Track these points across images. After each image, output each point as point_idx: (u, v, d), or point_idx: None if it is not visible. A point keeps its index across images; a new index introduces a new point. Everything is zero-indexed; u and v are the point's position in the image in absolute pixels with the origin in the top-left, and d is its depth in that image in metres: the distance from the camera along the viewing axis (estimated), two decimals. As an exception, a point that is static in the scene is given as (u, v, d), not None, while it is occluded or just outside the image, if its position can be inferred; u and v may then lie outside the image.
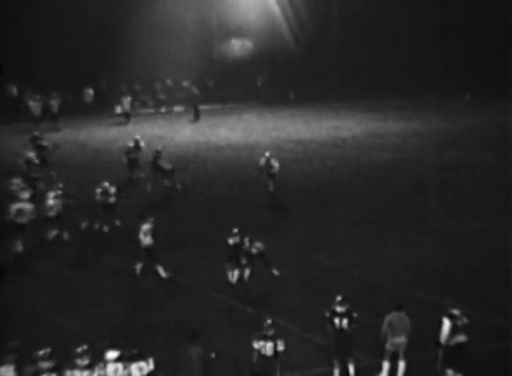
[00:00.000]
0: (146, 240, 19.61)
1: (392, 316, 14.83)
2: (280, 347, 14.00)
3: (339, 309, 14.72)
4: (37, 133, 31.97)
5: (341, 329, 14.63)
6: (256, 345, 14.01)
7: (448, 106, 45.50)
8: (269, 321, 14.15)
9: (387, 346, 14.86)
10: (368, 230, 23.35)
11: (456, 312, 14.53)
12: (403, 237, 22.68)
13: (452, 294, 17.20)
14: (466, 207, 25.45)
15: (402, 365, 14.92)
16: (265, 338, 13.97)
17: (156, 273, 19.54)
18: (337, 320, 14.63)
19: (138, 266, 19.71)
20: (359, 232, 23.15)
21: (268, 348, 13.91)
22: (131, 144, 29.45)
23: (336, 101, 47.94)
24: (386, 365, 14.96)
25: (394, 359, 14.92)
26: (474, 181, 28.83)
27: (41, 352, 13.03)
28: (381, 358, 14.95)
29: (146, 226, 19.74)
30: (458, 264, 20.49)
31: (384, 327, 14.80)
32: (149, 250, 19.61)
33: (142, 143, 29.64)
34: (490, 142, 34.27)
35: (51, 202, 22.36)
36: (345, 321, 14.63)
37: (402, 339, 14.78)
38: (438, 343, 14.56)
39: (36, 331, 16.52)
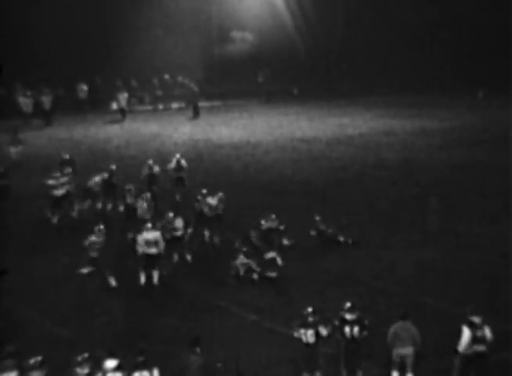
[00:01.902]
0: (152, 249, 19.90)
1: (397, 326, 14.92)
2: (323, 331, 14.55)
3: (349, 316, 14.91)
4: (66, 157, 28.26)
5: (352, 337, 14.82)
6: (296, 333, 14.54)
7: (460, 104, 45.64)
8: (310, 309, 14.69)
9: (394, 357, 14.95)
10: (375, 232, 23.59)
11: (476, 319, 14.57)
12: (411, 240, 22.90)
13: (462, 299, 17.40)
14: (477, 208, 25.63)
15: None
16: (306, 326, 14.51)
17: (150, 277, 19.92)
18: (347, 328, 14.81)
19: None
20: (366, 234, 23.36)
21: (308, 335, 14.42)
22: (173, 164, 27.51)
23: (342, 98, 48.10)
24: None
25: (403, 370, 15.01)
26: (486, 181, 29.00)
27: (31, 361, 13.23)
28: (389, 368, 15.07)
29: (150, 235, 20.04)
30: (468, 268, 20.71)
31: (389, 337, 14.90)
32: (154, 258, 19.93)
33: (183, 162, 27.68)
34: (502, 141, 34.36)
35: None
36: (356, 329, 14.82)
37: (408, 350, 14.83)
38: (455, 351, 14.60)
39: (30, 339, 16.69)
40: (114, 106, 43.58)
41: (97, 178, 25.59)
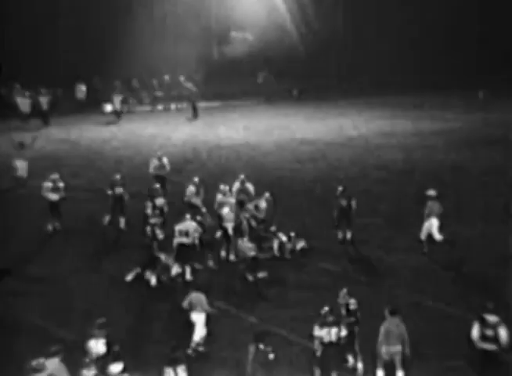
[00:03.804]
0: (183, 239, 20.57)
1: (388, 324, 15.08)
2: (343, 332, 14.96)
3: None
4: (117, 177, 24.97)
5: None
6: (318, 332, 14.88)
7: (460, 105, 45.72)
8: (326, 308, 15.07)
9: (382, 354, 15.11)
10: (375, 234, 23.79)
11: (490, 318, 14.69)
12: (411, 240, 23.03)
13: (462, 300, 17.56)
14: (477, 208, 25.79)
15: None
16: (328, 325, 14.90)
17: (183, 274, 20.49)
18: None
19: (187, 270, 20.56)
20: (366, 236, 23.54)
21: (333, 333, 14.83)
22: (156, 161, 27.06)
23: (342, 98, 48.28)
24: (380, 374, 15.24)
25: (391, 370, 15.17)
26: (486, 181, 29.16)
27: (34, 363, 13.39)
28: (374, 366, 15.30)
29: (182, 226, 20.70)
30: (468, 268, 20.91)
31: (381, 334, 15.05)
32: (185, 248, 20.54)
33: (165, 160, 27.27)
34: (503, 142, 34.54)
35: None
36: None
37: (397, 348, 14.99)
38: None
39: (32, 341, 16.85)
40: (109, 108, 43.49)
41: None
